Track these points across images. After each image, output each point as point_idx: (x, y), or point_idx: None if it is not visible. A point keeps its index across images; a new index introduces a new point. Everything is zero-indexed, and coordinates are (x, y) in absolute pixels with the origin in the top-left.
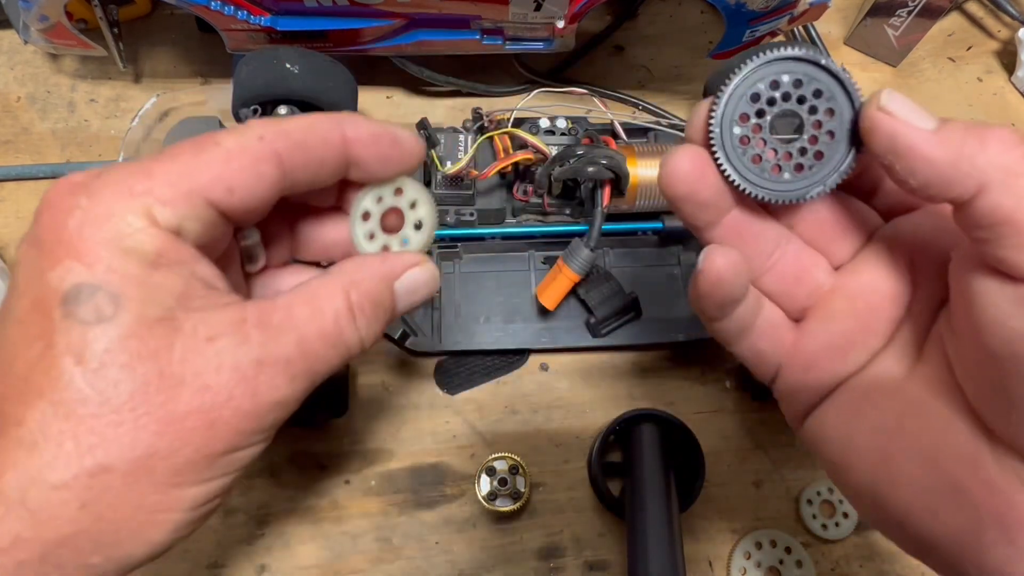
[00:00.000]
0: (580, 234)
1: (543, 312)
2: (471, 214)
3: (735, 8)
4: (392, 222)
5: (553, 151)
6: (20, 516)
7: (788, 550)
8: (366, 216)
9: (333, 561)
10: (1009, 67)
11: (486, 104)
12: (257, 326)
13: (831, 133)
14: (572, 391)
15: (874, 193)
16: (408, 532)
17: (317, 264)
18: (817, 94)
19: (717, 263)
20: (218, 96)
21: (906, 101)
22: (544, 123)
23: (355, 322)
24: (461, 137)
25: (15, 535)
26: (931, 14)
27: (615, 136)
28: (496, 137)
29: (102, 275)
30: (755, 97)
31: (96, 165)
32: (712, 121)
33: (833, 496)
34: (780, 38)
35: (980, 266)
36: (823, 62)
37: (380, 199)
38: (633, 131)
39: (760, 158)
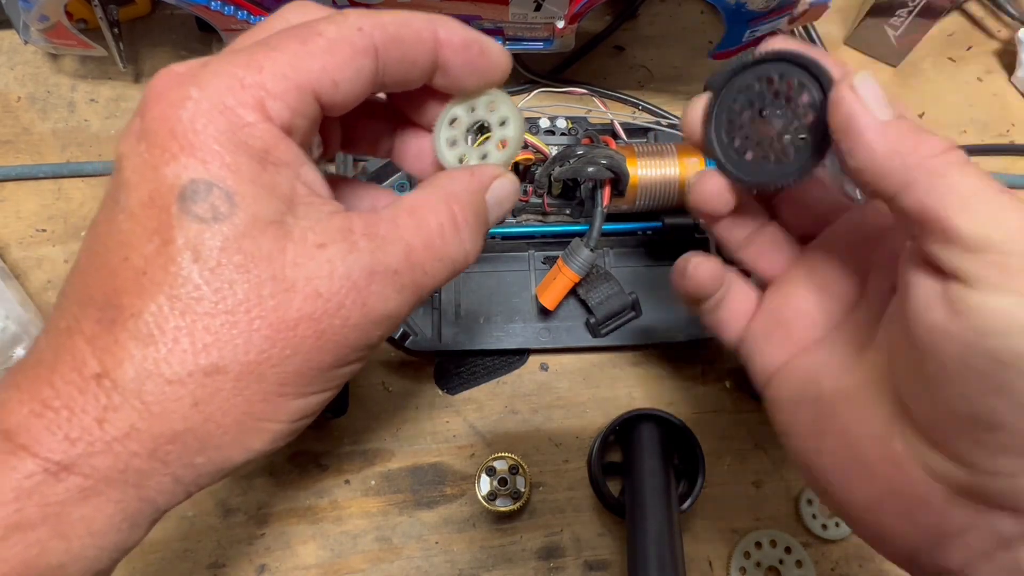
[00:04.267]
0: (580, 234)
1: (543, 312)
2: None
3: (735, 8)
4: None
5: (553, 151)
6: (135, 407)
7: (788, 550)
8: (453, 122)
9: (333, 561)
10: (1009, 67)
11: None
12: (364, 235)
13: (809, 128)
14: (572, 391)
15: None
16: (408, 532)
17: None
18: (801, 87)
19: (701, 274)
20: None
21: (875, 88)
22: (544, 123)
23: (459, 234)
24: None
25: (130, 425)
26: (931, 14)
27: (615, 136)
28: None
29: (216, 171)
30: (745, 89)
31: (96, 166)
32: (706, 115)
33: None
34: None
35: (917, 259)
36: (804, 61)
37: (473, 109)
38: (633, 131)
39: (745, 149)
